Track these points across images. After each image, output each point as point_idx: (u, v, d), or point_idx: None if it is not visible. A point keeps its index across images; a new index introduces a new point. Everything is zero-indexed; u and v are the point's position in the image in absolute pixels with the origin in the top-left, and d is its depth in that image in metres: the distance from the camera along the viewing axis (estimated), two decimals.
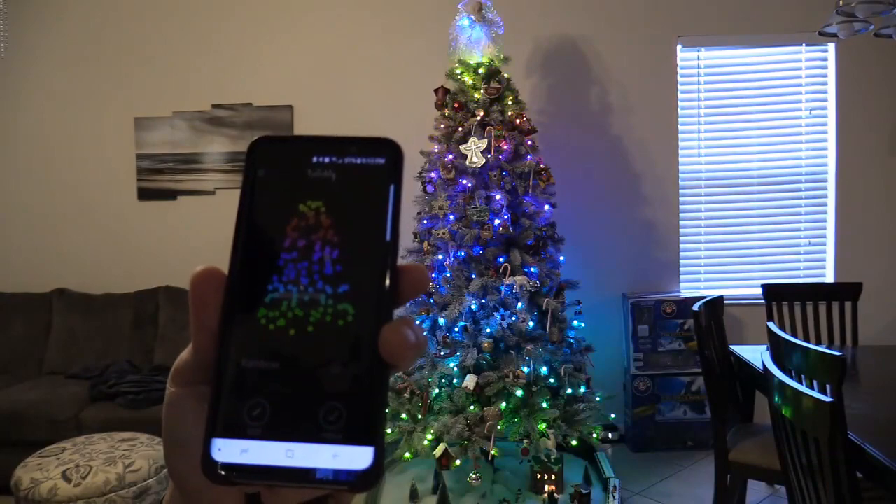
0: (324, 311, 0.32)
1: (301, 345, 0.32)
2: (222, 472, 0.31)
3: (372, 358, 0.31)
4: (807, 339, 3.10)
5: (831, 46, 3.98)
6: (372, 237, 0.33)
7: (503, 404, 2.77)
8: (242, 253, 0.33)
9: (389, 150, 0.35)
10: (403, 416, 2.90)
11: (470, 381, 2.75)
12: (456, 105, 3.12)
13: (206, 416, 0.31)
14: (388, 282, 0.32)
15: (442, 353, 2.85)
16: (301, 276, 0.32)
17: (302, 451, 0.30)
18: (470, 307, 2.87)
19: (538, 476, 2.90)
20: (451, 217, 2.98)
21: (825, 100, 4.03)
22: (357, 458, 0.30)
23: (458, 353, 2.84)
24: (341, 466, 0.30)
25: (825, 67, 4.03)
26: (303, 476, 0.30)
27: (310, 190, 0.33)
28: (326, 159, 0.34)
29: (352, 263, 0.32)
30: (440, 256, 3.01)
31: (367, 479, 0.30)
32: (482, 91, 3.10)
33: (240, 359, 0.32)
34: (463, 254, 2.95)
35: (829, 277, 4.06)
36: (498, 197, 2.99)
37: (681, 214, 4.08)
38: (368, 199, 0.33)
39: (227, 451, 0.31)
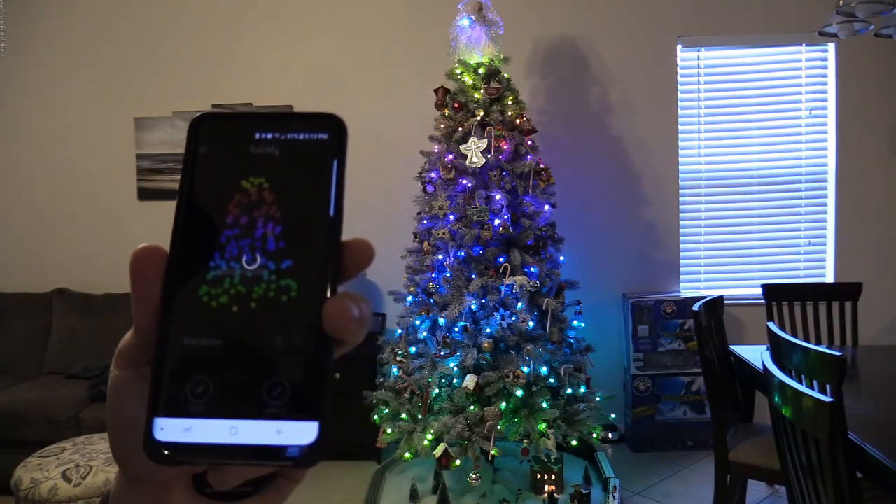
0: (266, 287, 0.32)
1: (244, 321, 0.31)
2: (165, 452, 0.30)
3: (316, 333, 0.31)
4: (807, 339, 3.10)
5: (831, 46, 3.98)
6: (315, 212, 0.32)
7: (503, 404, 2.77)
8: (183, 230, 0.33)
9: (332, 126, 0.34)
10: (403, 416, 2.90)
11: (470, 381, 2.75)
12: (456, 105, 3.12)
13: (148, 396, 0.31)
14: (331, 257, 0.32)
15: (442, 353, 2.85)
16: (244, 252, 0.32)
17: (246, 428, 0.30)
18: (470, 307, 2.87)
19: (538, 476, 2.90)
20: (451, 217, 2.98)
21: (825, 100, 4.03)
22: (302, 433, 0.30)
23: (458, 353, 2.84)
24: (286, 442, 0.30)
25: (825, 67, 4.03)
26: (247, 453, 0.30)
27: (252, 166, 0.33)
28: (269, 135, 0.33)
29: (295, 239, 0.32)
30: (440, 256, 3.01)
31: (312, 455, 0.30)
32: (482, 91, 3.10)
33: (182, 337, 0.31)
34: (463, 254, 2.95)
35: (829, 277, 4.06)
36: (498, 197, 2.99)
37: (681, 214, 4.08)
38: (311, 174, 0.33)
39: (170, 430, 0.30)
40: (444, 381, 2.91)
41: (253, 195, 0.33)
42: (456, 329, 2.90)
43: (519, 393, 2.76)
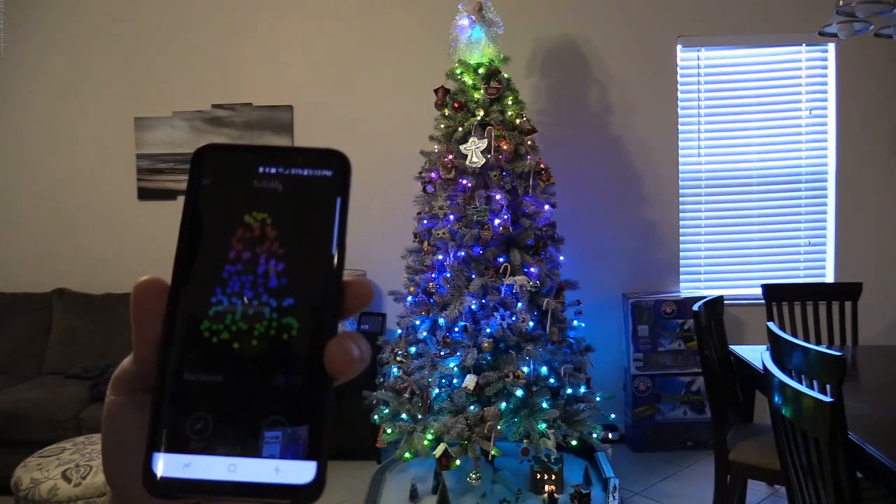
0: (268, 324, 0.31)
1: (245, 358, 0.31)
2: (164, 487, 0.30)
3: (316, 372, 0.31)
4: (807, 339, 3.10)
5: (831, 46, 3.98)
6: (317, 251, 0.32)
7: (503, 404, 2.77)
8: (186, 264, 0.33)
9: (337, 163, 0.33)
10: (403, 416, 2.90)
11: (470, 381, 2.75)
12: (456, 105, 3.12)
13: (147, 430, 0.31)
14: (332, 296, 0.32)
15: (442, 353, 2.85)
16: (245, 288, 0.32)
17: (244, 466, 0.30)
18: (470, 307, 2.87)
19: (538, 476, 2.90)
20: (451, 217, 2.98)
21: (825, 100, 4.03)
22: (300, 472, 0.30)
23: (458, 353, 2.84)
24: (284, 481, 0.30)
25: (825, 67, 4.03)
26: (245, 491, 0.30)
27: (255, 201, 0.33)
28: (273, 170, 0.33)
29: (297, 276, 0.32)
30: (440, 256, 3.01)
31: (310, 494, 0.30)
32: (482, 91, 3.10)
33: (182, 371, 0.31)
34: (463, 254, 2.95)
35: (829, 277, 4.06)
36: (498, 197, 2.99)
37: (681, 214, 4.08)
38: (314, 211, 0.33)
39: (169, 465, 0.30)
40: (444, 381, 2.91)
41: (256, 230, 0.32)
42: (456, 329, 2.90)
43: (519, 393, 2.76)
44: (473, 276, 2.93)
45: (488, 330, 2.86)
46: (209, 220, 0.33)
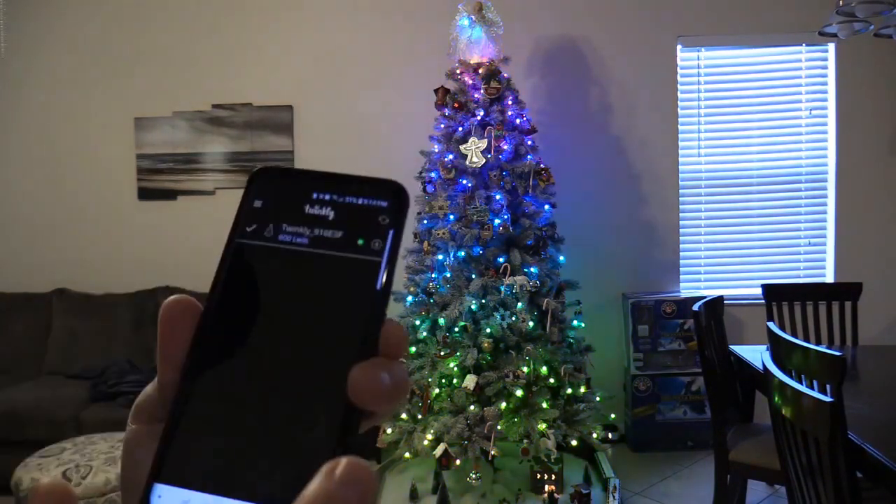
0: (300, 361, 0.29)
1: (269, 395, 0.29)
2: None
3: (343, 408, 0.28)
4: (807, 339, 3.09)
5: (831, 46, 3.98)
6: (363, 285, 0.31)
7: (503, 404, 2.77)
8: (224, 288, 0.31)
9: (394, 194, 0.32)
10: (403, 416, 2.91)
11: (470, 381, 2.75)
12: (456, 105, 3.12)
13: (153, 457, 0.29)
14: (370, 335, 0.30)
15: (442, 353, 2.85)
16: (284, 319, 0.30)
17: None
18: (470, 307, 2.87)
19: (538, 476, 2.90)
20: (451, 217, 2.98)
21: (825, 100, 4.03)
22: None
23: (458, 353, 2.84)
24: None
25: (825, 67, 4.03)
26: None
27: (305, 227, 0.31)
28: (326, 196, 0.32)
29: (337, 312, 0.30)
30: (440, 256, 3.01)
31: None
32: (482, 91, 3.10)
33: (200, 402, 0.29)
34: (463, 254, 2.95)
35: (829, 277, 4.06)
36: (498, 197, 2.99)
37: (681, 214, 4.08)
38: (364, 243, 0.31)
39: (168, 498, 0.28)
40: (444, 381, 2.91)
41: (302, 258, 0.31)
42: (456, 329, 2.90)
43: (519, 393, 2.76)
44: (473, 276, 2.93)
45: (488, 330, 2.86)
46: (255, 244, 0.32)
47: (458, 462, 2.75)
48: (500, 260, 2.95)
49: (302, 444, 0.28)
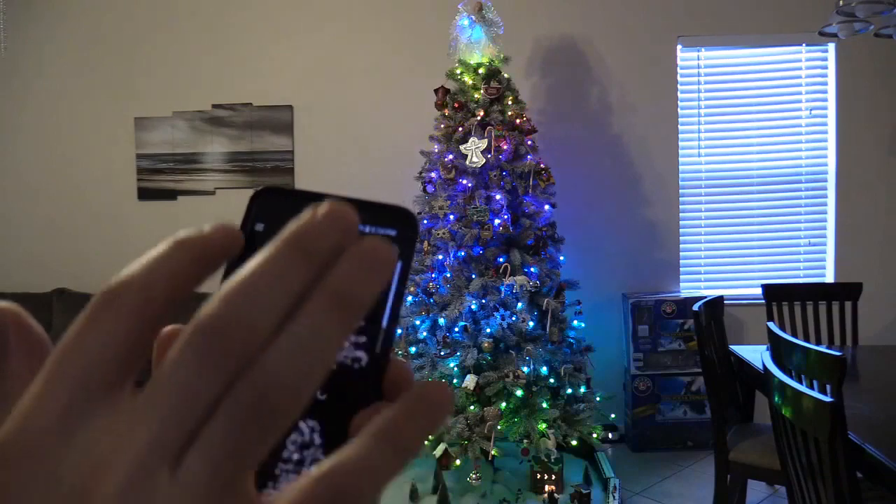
0: None
1: None
2: None
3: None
4: (807, 339, 3.09)
5: (831, 46, 3.98)
6: (365, 318, 0.28)
7: (503, 404, 2.78)
8: None
9: (403, 222, 0.30)
10: None
11: (470, 381, 2.75)
12: (456, 105, 3.12)
13: None
14: (374, 372, 0.28)
15: (442, 353, 2.85)
16: None
17: None
18: (470, 307, 2.87)
19: (538, 476, 2.90)
20: (451, 217, 2.98)
21: (825, 100, 4.03)
22: None
23: (458, 353, 2.84)
24: None
25: (825, 67, 4.03)
26: None
27: None
28: None
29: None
30: (440, 256, 3.01)
31: None
32: (482, 91, 3.10)
33: None
34: (463, 254, 2.95)
35: (829, 277, 4.06)
36: (498, 197, 2.99)
37: (681, 214, 4.08)
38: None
39: None
40: (443, 381, 2.91)
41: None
42: (456, 329, 2.90)
43: (519, 393, 2.76)
44: (473, 276, 2.93)
45: (488, 330, 2.86)
46: None
47: (458, 462, 2.75)
48: (500, 260, 2.95)
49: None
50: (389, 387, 0.27)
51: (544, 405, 2.80)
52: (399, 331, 3.34)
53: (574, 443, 2.86)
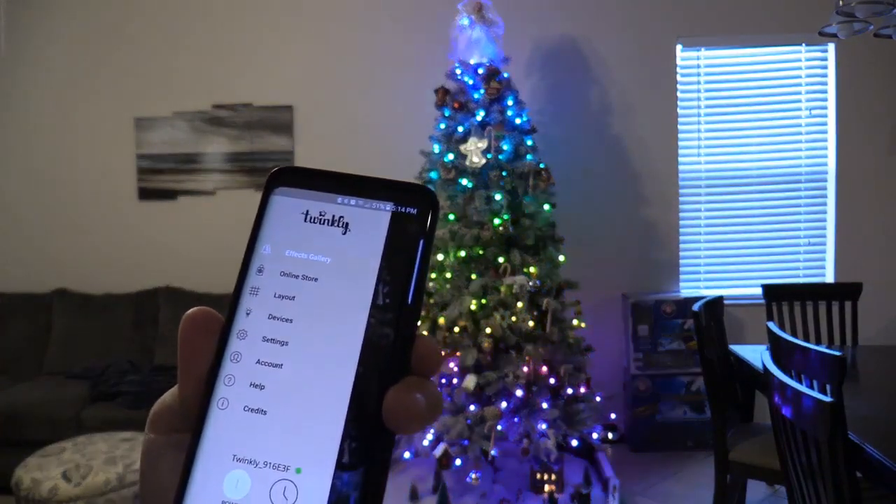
0: (327, 377, 0.28)
1: (297, 413, 0.28)
2: None
3: (373, 426, 0.27)
4: (807, 339, 3.09)
5: (831, 46, 3.98)
6: (391, 297, 0.28)
7: (503, 404, 2.77)
8: (246, 299, 0.29)
9: (424, 201, 0.30)
10: None
11: (470, 381, 2.75)
12: (456, 105, 3.12)
13: (180, 474, 0.28)
14: (399, 350, 0.28)
15: (442, 353, 2.85)
16: (306, 331, 0.29)
17: None
18: (470, 307, 2.87)
19: (538, 476, 2.90)
20: (451, 217, 2.98)
21: (825, 100, 4.03)
22: None
23: (458, 353, 2.84)
24: None
25: (825, 67, 4.03)
26: None
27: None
28: (352, 201, 0.30)
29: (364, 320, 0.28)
30: (440, 256, 3.01)
31: None
32: (482, 91, 3.10)
33: (225, 416, 0.28)
34: (463, 254, 2.95)
35: (829, 277, 4.06)
36: (498, 197, 2.99)
37: (681, 214, 4.07)
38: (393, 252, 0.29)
39: None
40: (443, 381, 2.91)
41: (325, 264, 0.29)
42: (456, 329, 2.90)
43: (519, 393, 2.76)
44: (473, 276, 2.93)
45: (488, 330, 2.86)
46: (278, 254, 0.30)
47: (458, 462, 2.75)
48: (500, 260, 2.95)
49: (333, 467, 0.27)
50: (418, 361, 0.28)
51: (544, 405, 2.80)
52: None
53: (574, 443, 2.86)
